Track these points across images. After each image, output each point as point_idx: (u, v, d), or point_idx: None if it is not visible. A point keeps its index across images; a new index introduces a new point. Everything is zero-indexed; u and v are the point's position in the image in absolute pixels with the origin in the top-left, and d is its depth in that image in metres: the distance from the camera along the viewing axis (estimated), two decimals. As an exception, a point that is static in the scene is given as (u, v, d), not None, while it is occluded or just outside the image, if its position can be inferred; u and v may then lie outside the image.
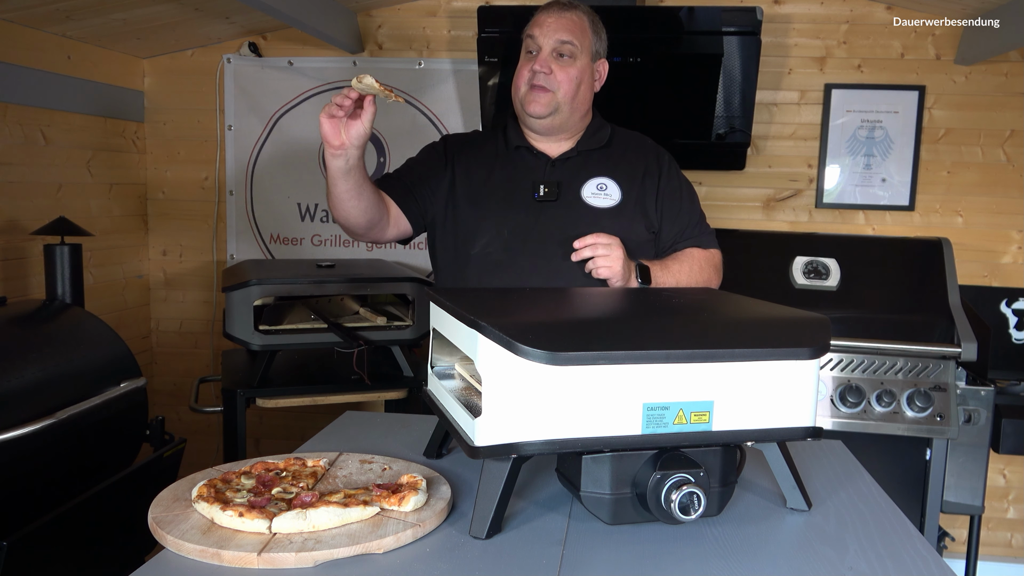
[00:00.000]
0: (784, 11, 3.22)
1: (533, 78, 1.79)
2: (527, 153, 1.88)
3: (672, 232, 1.89)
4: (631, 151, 1.92)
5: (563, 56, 1.81)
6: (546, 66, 1.79)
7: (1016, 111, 3.14)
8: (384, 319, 2.60)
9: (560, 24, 1.80)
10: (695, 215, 1.93)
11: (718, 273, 1.91)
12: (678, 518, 1.08)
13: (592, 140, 1.90)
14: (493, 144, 1.93)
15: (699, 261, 1.87)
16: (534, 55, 1.81)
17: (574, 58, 1.82)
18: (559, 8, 1.83)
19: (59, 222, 2.52)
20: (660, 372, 1.08)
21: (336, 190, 1.69)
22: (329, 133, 1.59)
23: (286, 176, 3.47)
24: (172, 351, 3.61)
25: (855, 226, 3.27)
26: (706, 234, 1.93)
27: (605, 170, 1.87)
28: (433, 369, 1.41)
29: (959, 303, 2.71)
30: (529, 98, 1.80)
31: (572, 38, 1.81)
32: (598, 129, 1.92)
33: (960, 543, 3.06)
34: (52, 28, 2.86)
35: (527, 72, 1.81)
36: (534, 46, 1.81)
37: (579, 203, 1.82)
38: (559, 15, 1.82)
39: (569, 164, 1.87)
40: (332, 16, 3.06)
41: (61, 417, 1.87)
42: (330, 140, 1.60)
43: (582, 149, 1.88)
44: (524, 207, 1.82)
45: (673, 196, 1.90)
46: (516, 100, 1.85)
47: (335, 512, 1.09)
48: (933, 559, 1.09)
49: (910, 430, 2.57)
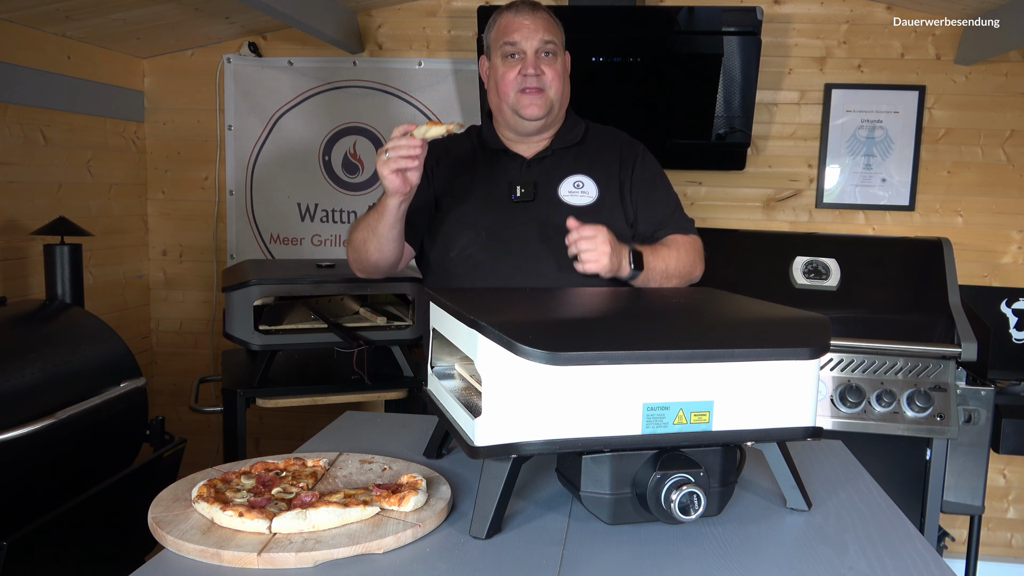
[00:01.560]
0: (784, 11, 3.22)
1: (524, 82, 1.80)
2: (503, 155, 1.89)
3: (651, 221, 1.88)
4: (605, 146, 1.92)
5: (548, 55, 1.82)
6: (537, 68, 1.80)
7: (1016, 111, 3.14)
8: (384, 319, 2.60)
9: (538, 25, 1.81)
10: (671, 202, 1.92)
11: (701, 258, 1.89)
12: (678, 518, 1.08)
13: (566, 138, 1.90)
14: (469, 148, 1.93)
15: (684, 246, 1.85)
16: (517, 59, 1.81)
17: (556, 55, 1.83)
18: (530, 9, 1.84)
19: (59, 222, 2.52)
20: (660, 372, 1.08)
21: (389, 233, 1.71)
22: (398, 184, 1.59)
23: (286, 176, 3.47)
24: (172, 351, 3.61)
25: (855, 226, 3.27)
26: (685, 220, 1.92)
27: (581, 167, 1.87)
28: (433, 369, 1.41)
29: (959, 303, 2.70)
30: (525, 101, 1.80)
31: (552, 36, 1.82)
32: (572, 127, 1.92)
33: (960, 543, 3.06)
34: (52, 28, 2.86)
35: (516, 77, 1.80)
36: (516, 50, 1.81)
37: (557, 202, 1.82)
38: (533, 16, 1.82)
39: (544, 164, 1.87)
40: (332, 16, 3.06)
41: (61, 417, 1.87)
42: (399, 189, 1.60)
43: (556, 147, 1.88)
44: (502, 209, 1.83)
45: (647, 185, 1.89)
46: (504, 106, 1.84)
47: (335, 512, 1.09)
48: (933, 559, 1.09)
49: (910, 430, 2.57)
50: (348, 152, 3.44)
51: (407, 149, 1.55)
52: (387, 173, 1.57)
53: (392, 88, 3.39)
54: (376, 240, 1.73)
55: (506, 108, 1.84)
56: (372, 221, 1.72)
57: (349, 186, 3.45)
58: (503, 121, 1.88)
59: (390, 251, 1.77)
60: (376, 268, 1.83)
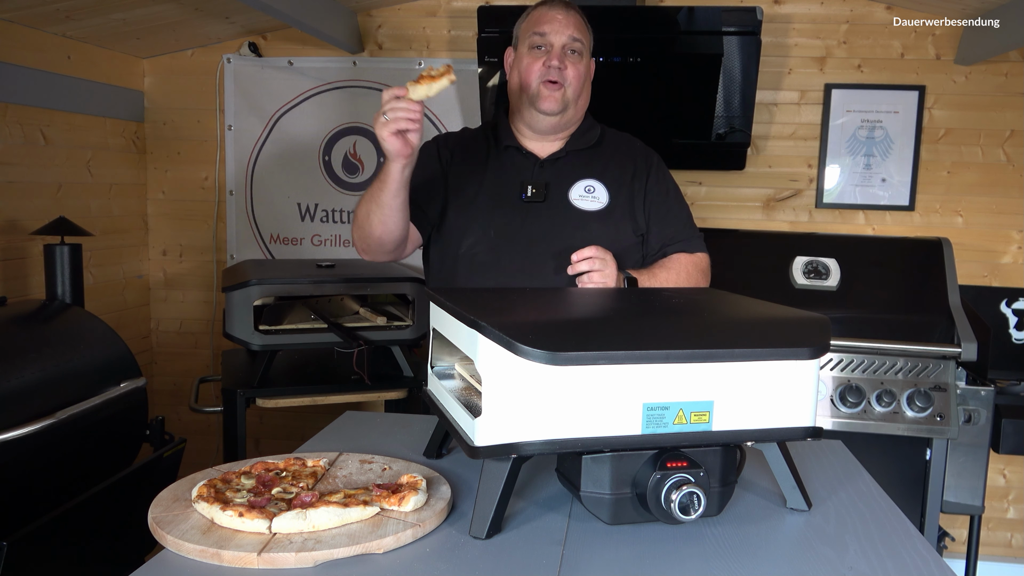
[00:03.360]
0: (784, 11, 3.22)
1: (548, 73, 1.79)
2: (516, 153, 1.88)
3: (660, 237, 1.87)
4: (620, 153, 1.91)
5: (574, 52, 1.81)
6: (561, 61, 1.79)
7: (1016, 111, 3.14)
8: (384, 319, 2.60)
9: (569, 21, 1.81)
10: (683, 218, 1.92)
11: (706, 277, 1.90)
12: (678, 518, 1.08)
13: (581, 140, 1.89)
14: (484, 143, 1.92)
15: (686, 267, 1.85)
16: (544, 51, 1.81)
17: (582, 55, 1.83)
18: (563, 6, 1.84)
19: (59, 222, 2.52)
20: (660, 372, 1.08)
21: (392, 202, 1.67)
22: (400, 146, 1.55)
23: (286, 176, 3.47)
24: (172, 351, 3.61)
25: (855, 226, 3.27)
26: (694, 237, 1.91)
27: (593, 172, 1.86)
28: (433, 369, 1.41)
29: (959, 303, 2.70)
30: (544, 93, 1.79)
31: (580, 35, 1.82)
32: (588, 129, 1.91)
33: (960, 543, 3.06)
34: (52, 28, 2.86)
35: (540, 67, 1.80)
36: (544, 42, 1.80)
37: (566, 205, 1.82)
38: (566, 12, 1.82)
39: (558, 165, 1.86)
40: (332, 16, 3.06)
41: (61, 417, 1.87)
42: (401, 152, 1.57)
43: (571, 149, 1.88)
44: (511, 208, 1.82)
45: (661, 199, 1.89)
46: (523, 96, 1.83)
47: (335, 512, 1.09)
48: (933, 559, 1.09)
49: (910, 430, 2.57)
50: (348, 152, 3.44)
51: (405, 111, 1.52)
52: (387, 135, 1.53)
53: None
54: (380, 211, 1.69)
55: (525, 98, 1.83)
56: (374, 191, 1.69)
57: (349, 186, 3.45)
58: (519, 114, 1.87)
59: (394, 223, 1.72)
60: (381, 245, 1.78)
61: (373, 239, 1.77)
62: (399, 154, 1.57)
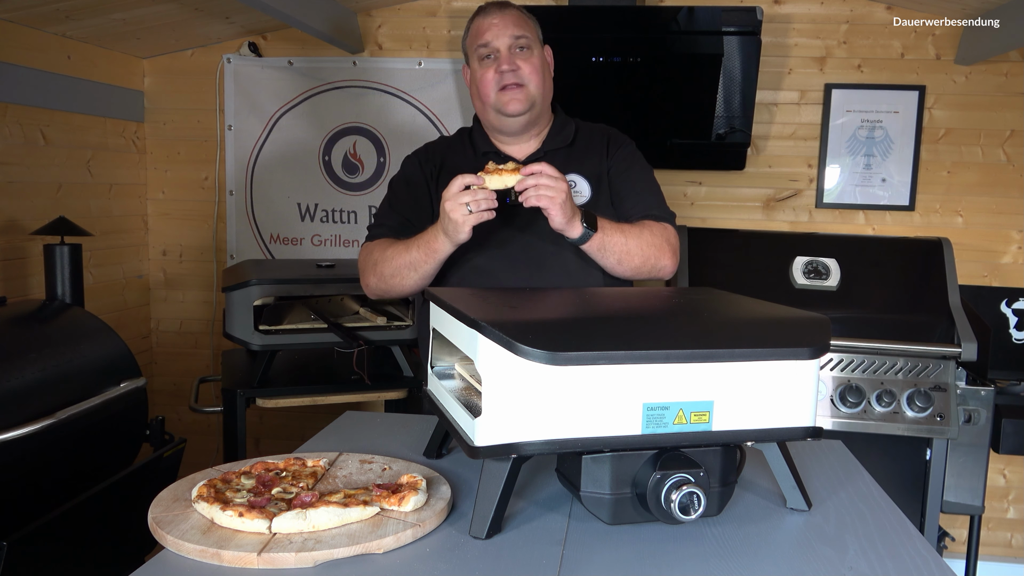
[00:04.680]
0: (784, 11, 3.22)
1: (503, 79, 1.80)
2: (495, 158, 1.89)
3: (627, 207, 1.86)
4: (593, 143, 1.92)
5: (522, 49, 1.83)
6: (512, 63, 1.80)
7: (1016, 111, 3.14)
8: (384, 319, 2.60)
9: (507, 21, 1.82)
10: (650, 190, 1.89)
11: (673, 250, 1.82)
12: (678, 518, 1.08)
13: (558, 139, 1.90)
14: (463, 152, 1.94)
15: (652, 229, 1.80)
16: (492, 59, 1.82)
17: (531, 49, 1.84)
18: (498, 8, 1.85)
19: (59, 222, 2.52)
20: (660, 372, 1.08)
21: (433, 271, 1.73)
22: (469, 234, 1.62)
23: (286, 176, 3.47)
24: (172, 351, 3.61)
25: (855, 226, 3.27)
26: (663, 210, 1.88)
27: (572, 167, 1.86)
28: (433, 369, 1.41)
29: (959, 303, 2.71)
30: (505, 98, 1.81)
31: (523, 31, 1.83)
32: (562, 127, 1.92)
33: (960, 543, 3.06)
34: (52, 28, 2.86)
35: (493, 76, 1.81)
36: (490, 50, 1.82)
37: None
38: (502, 14, 1.83)
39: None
40: (332, 16, 3.06)
41: (61, 417, 1.87)
42: (467, 238, 1.63)
43: (548, 149, 1.89)
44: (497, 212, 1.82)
45: (624, 172, 1.88)
46: (486, 107, 1.85)
47: (335, 512, 1.09)
48: (933, 559, 1.09)
49: (910, 430, 2.57)
50: (348, 152, 3.44)
51: (487, 202, 1.57)
52: (464, 224, 1.58)
53: (392, 88, 3.39)
54: (418, 277, 1.74)
55: (489, 109, 1.85)
56: (416, 260, 1.71)
57: (349, 186, 3.45)
58: (489, 124, 1.89)
59: (425, 284, 1.77)
60: (399, 295, 1.84)
61: (394, 293, 1.82)
62: (464, 240, 1.62)
